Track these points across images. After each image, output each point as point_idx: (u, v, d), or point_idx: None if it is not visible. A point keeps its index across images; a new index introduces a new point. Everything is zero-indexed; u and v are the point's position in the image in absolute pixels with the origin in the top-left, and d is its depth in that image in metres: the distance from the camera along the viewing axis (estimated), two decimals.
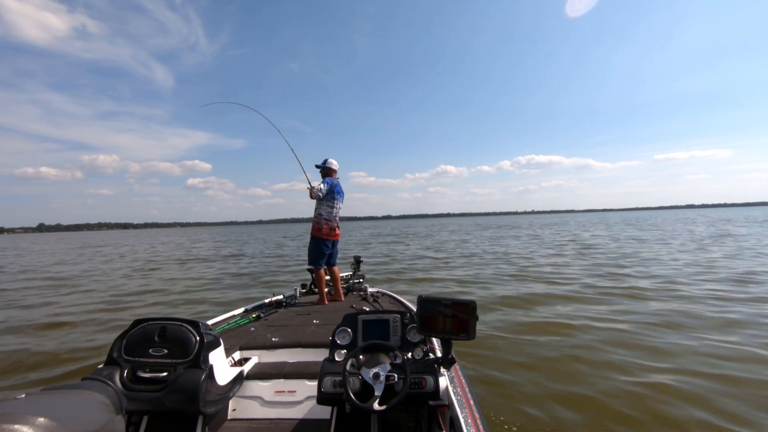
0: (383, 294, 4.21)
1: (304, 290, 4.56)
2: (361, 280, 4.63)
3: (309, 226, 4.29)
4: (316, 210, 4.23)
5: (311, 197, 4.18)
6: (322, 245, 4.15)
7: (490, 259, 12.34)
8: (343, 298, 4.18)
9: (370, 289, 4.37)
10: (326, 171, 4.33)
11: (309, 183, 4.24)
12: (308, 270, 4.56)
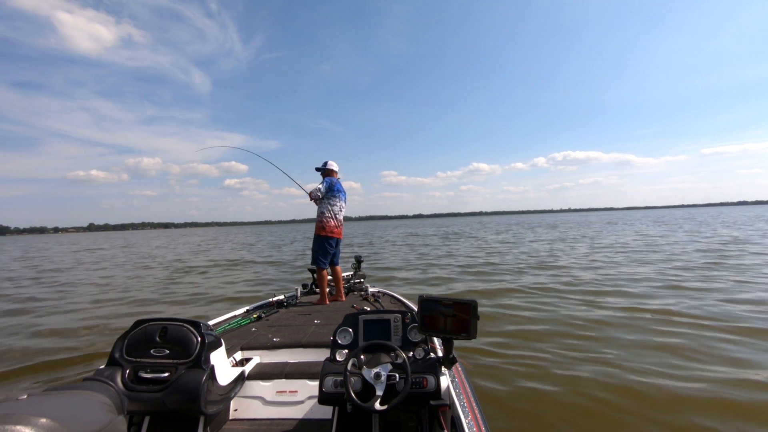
0: (384, 294, 4.21)
1: (304, 290, 4.57)
2: (362, 280, 4.64)
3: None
4: (318, 209, 4.28)
5: (311, 199, 4.27)
6: (326, 243, 4.18)
7: None
8: (344, 298, 4.19)
9: (371, 289, 4.37)
10: (326, 172, 4.40)
11: (304, 189, 4.40)
12: (309, 270, 4.57)
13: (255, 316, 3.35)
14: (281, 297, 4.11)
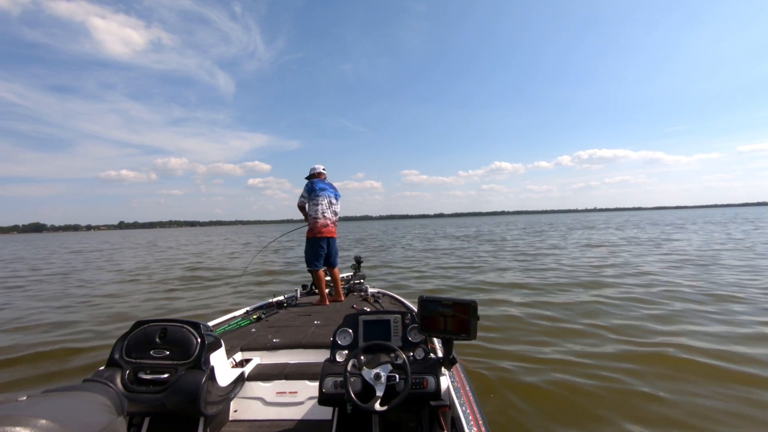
0: (384, 294, 4.21)
1: (304, 291, 4.57)
2: (362, 281, 4.64)
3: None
4: (308, 213, 4.36)
5: (302, 211, 4.39)
6: (316, 245, 4.22)
7: None
8: (343, 299, 4.19)
9: (370, 290, 4.37)
10: (312, 177, 4.50)
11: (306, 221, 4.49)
12: (309, 271, 4.58)
13: (255, 317, 3.35)
14: (281, 298, 4.11)
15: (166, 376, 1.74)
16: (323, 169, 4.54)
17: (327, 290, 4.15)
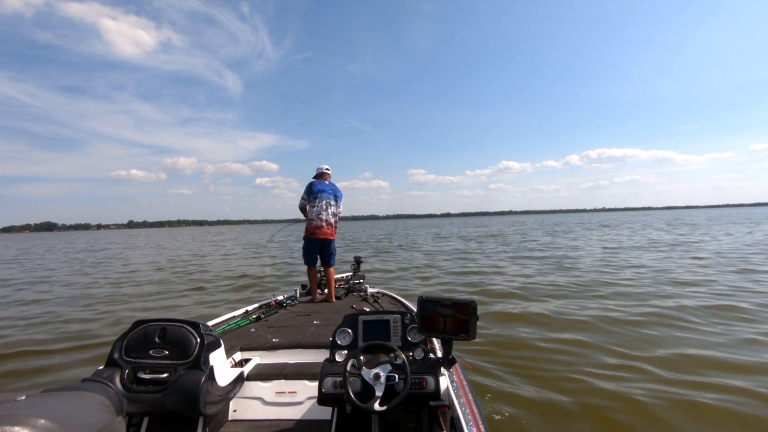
0: (383, 294, 4.21)
1: (304, 291, 4.57)
2: (362, 281, 4.64)
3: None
4: None
5: (303, 211, 4.50)
6: (310, 245, 4.36)
7: None
8: (334, 299, 4.21)
9: (370, 290, 4.37)
10: (316, 177, 4.60)
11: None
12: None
13: (254, 316, 3.35)
14: (280, 298, 4.10)
15: (165, 375, 1.74)
16: (327, 169, 4.61)
17: (326, 291, 4.19)
